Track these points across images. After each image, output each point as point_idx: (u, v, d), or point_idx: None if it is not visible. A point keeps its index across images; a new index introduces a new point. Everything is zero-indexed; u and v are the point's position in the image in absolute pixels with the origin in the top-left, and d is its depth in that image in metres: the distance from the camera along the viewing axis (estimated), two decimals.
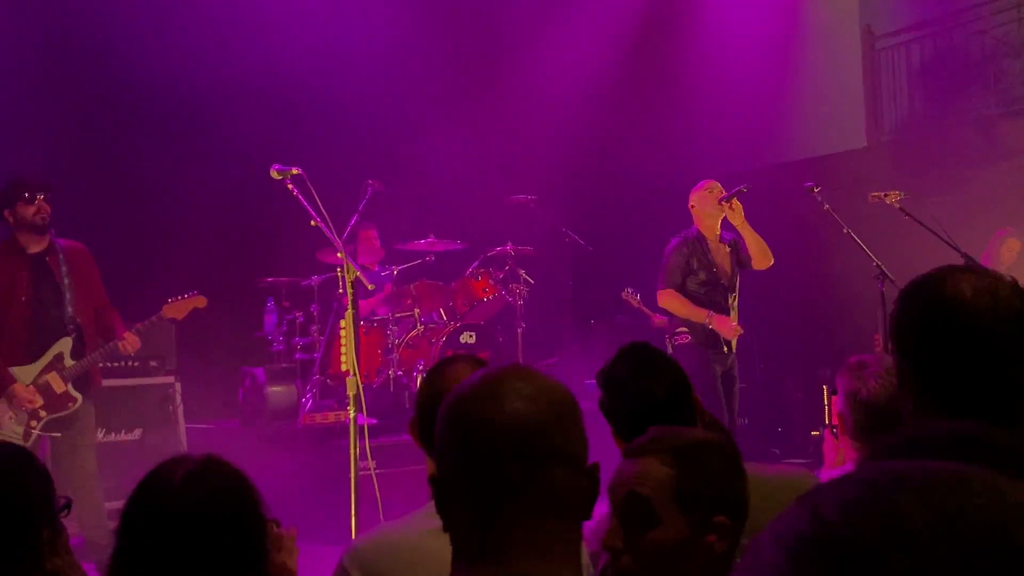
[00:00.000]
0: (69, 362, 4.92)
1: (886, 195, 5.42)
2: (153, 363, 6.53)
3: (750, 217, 6.01)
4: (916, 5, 9.64)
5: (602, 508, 1.61)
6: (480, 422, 1.27)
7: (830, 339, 8.39)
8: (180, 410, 6.53)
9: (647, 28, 10.05)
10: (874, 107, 9.82)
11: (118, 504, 5.43)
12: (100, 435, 6.05)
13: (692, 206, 6.12)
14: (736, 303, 6.07)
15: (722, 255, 6.05)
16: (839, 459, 2.73)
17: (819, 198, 5.60)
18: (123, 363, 6.31)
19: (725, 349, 5.94)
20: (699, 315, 5.89)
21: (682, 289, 5.99)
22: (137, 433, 6.34)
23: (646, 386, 2.18)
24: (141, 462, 5.91)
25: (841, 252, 6.73)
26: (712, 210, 5.99)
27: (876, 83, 9.83)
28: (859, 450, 2.60)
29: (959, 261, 5.22)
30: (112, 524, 1.66)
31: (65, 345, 4.92)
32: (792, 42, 9.97)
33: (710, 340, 5.91)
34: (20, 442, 4.60)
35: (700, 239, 6.03)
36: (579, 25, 9.85)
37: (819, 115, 10.05)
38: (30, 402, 4.78)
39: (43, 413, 4.84)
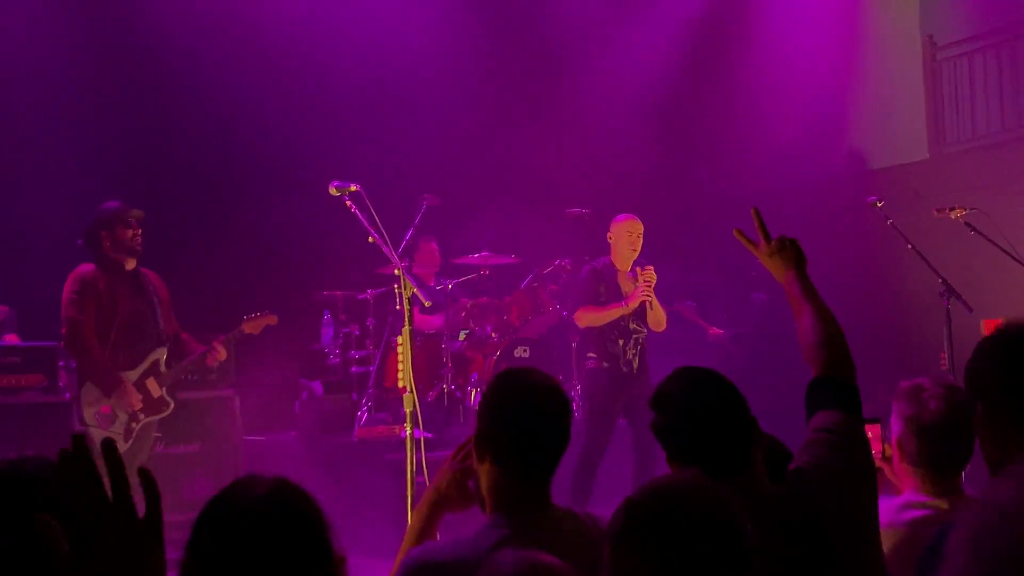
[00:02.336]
0: (164, 369, 5.31)
1: (951, 210, 5.30)
2: (212, 375, 6.61)
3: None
4: (979, 15, 9.44)
5: None
6: None
7: (893, 357, 8.21)
8: (239, 422, 6.61)
9: (704, 39, 9.98)
10: (937, 119, 9.63)
11: (176, 517, 5.56)
12: (161, 447, 6.14)
13: (610, 236, 6.21)
14: (640, 330, 6.10)
15: (630, 285, 6.13)
16: (892, 489, 2.62)
17: (883, 212, 5.49)
18: (184, 376, 6.41)
19: (625, 369, 5.99)
20: (614, 311, 6.00)
21: None
22: (195, 445, 6.41)
23: (698, 405, 2.11)
24: (199, 474, 6.06)
25: (904, 267, 6.59)
26: (626, 250, 6.12)
27: (938, 94, 9.64)
28: (921, 477, 2.48)
29: None
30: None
31: (161, 354, 5.32)
32: (853, 53, 9.82)
33: (614, 362, 5.99)
34: (122, 440, 5.08)
35: (610, 268, 6.17)
36: (635, 37, 9.82)
37: (880, 126, 9.88)
38: (137, 401, 5.14)
39: (142, 416, 5.21)
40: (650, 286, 5.94)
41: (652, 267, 6.03)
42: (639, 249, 6.15)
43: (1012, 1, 9.11)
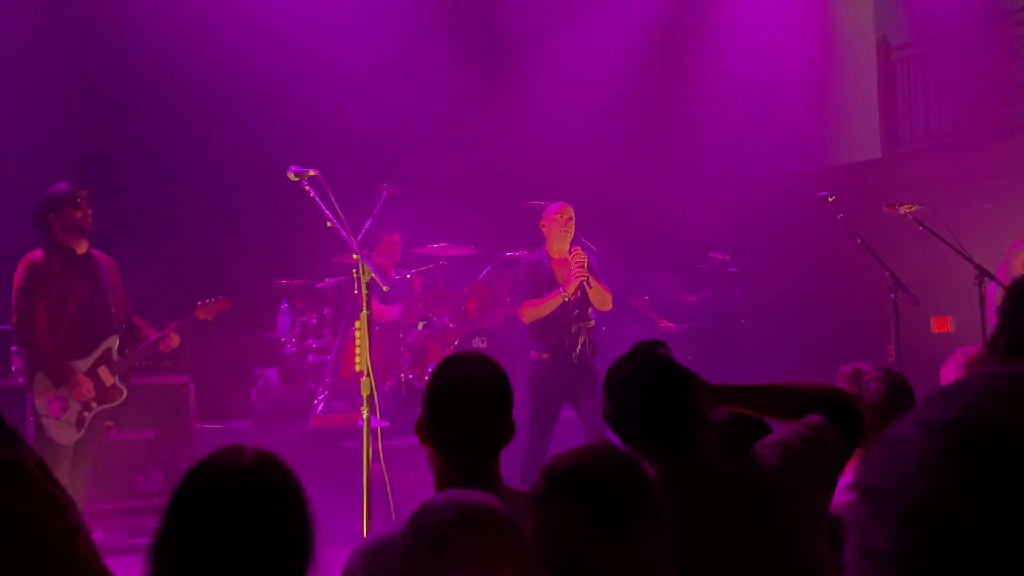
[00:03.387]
0: (116, 357, 5.26)
1: (900, 206, 5.41)
2: (166, 363, 6.56)
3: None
4: (933, 17, 9.61)
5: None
6: None
7: (841, 349, 8.36)
8: (193, 410, 6.56)
9: (664, 37, 10.06)
10: (890, 118, 9.80)
11: (129, 503, 5.55)
12: (113, 433, 6.09)
13: (543, 225, 6.07)
14: (584, 318, 5.96)
15: (566, 273, 5.95)
16: None
17: (834, 207, 5.58)
18: (137, 363, 6.35)
19: (567, 360, 5.87)
20: (553, 300, 5.83)
21: None
22: (149, 432, 6.37)
23: (639, 394, 2.13)
24: (153, 461, 6.01)
25: (855, 263, 6.71)
26: (559, 234, 5.97)
27: (892, 95, 9.81)
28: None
29: (973, 273, 5.21)
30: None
31: (113, 342, 5.27)
32: (808, 53, 9.96)
33: (556, 353, 5.88)
34: (75, 429, 5.04)
35: (545, 259, 6.04)
36: (596, 30, 9.87)
37: (835, 125, 10.03)
38: (88, 392, 5.09)
39: (94, 404, 5.15)
40: (582, 267, 5.77)
41: (579, 248, 5.90)
42: (572, 234, 5.98)
43: (964, 5, 9.29)
